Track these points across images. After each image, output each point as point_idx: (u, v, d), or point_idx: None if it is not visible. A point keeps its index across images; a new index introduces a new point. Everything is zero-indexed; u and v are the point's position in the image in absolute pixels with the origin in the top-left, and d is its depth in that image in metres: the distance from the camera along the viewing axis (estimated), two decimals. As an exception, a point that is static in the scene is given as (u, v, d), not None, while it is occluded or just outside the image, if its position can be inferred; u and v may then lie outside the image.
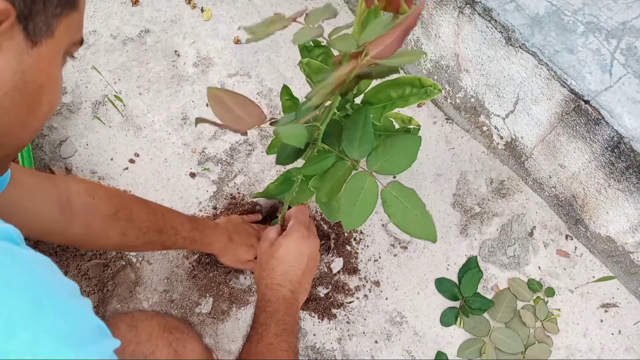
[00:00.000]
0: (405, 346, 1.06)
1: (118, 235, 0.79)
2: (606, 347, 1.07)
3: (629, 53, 0.91)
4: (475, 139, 1.24)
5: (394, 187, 0.64)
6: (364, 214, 0.63)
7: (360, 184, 0.64)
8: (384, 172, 0.66)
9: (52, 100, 0.42)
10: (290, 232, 0.83)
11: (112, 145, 1.19)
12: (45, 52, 0.39)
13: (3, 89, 0.37)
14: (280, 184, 0.92)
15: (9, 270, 0.34)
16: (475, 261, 1.12)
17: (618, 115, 0.87)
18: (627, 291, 1.11)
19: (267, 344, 0.70)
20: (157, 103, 1.25)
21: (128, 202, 0.82)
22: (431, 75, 1.21)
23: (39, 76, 0.39)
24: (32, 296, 0.34)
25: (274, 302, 0.76)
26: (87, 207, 0.75)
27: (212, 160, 1.19)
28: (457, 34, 1.06)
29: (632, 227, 0.98)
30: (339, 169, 0.68)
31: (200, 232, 0.91)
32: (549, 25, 0.94)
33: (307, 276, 0.82)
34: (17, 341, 0.32)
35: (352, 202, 0.63)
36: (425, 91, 0.76)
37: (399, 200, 0.63)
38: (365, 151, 0.66)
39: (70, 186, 0.74)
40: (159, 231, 0.84)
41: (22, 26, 0.36)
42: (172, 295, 1.07)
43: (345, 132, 0.67)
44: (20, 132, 0.41)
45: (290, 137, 0.55)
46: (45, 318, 0.34)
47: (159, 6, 1.36)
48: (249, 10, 1.37)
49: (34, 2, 0.36)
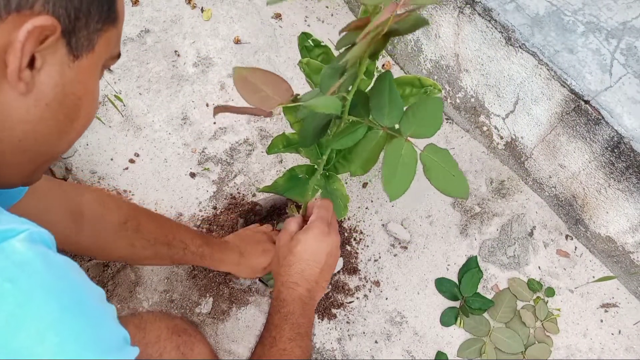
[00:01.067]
0: (405, 346, 1.06)
1: (126, 246, 0.80)
2: (606, 347, 1.07)
3: (629, 53, 0.91)
4: (475, 139, 1.24)
5: (430, 149, 0.62)
6: (406, 181, 0.61)
7: (398, 151, 0.61)
8: (418, 136, 0.63)
9: (89, 111, 0.44)
10: (311, 228, 0.79)
11: (112, 145, 1.19)
12: (86, 65, 0.40)
13: (44, 100, 0.39)
14: (287, 180, 0.91)
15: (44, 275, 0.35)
16: (475, 261, 1.12)
17: (618, 115, 0.87)
18: (627, 291, 1.11)
19: (280, 349, 0.69)
20: (157, 103, 1.25)
21: (137, 213, 0.83)
22: (431, 75, 1.22)
23: (78, 88, 0.41)
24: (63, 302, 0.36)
25: (289, 303, 0.74)
26: (97, 217, 0.76)
27: (212, 160, 1.19)
28: (457, 34, 1.06)
29: (632, 227, 0.98)
30: (372, 138, 0.65)
31: (210, 248, 0.91)
32: (549, 25, 0.94)
33: (325, 274, 0.78)
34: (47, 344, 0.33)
35: (393, 171, 0.61)
36: (425, 91, 0.76)
37: (437, 163, 0.61)
38: (396, 117, 0.63)
39: (82, 195, 0.76)
40: (167, 244, 0.84)
41: (65, 41, 0.38)
42: (172, 295, 1.07)
43: (372, 100, 0.64)
44: (58, 142, 0.43)
45: (324, 106, 0.53)
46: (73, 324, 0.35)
47: (159, 6, 1.36)
48: (249, 10, 1.37)
49: (77, 19, 0.38)
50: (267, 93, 0.52)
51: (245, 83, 0.52)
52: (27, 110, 0.38)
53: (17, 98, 0.37)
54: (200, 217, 1.13)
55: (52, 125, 0.41)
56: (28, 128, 0.39)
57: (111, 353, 0.38)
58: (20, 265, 0.35)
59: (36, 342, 0.33)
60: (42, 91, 0.38)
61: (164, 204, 1.14)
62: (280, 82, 0.53)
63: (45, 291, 0.35)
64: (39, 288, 0.35)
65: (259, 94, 0.52)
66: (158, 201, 1.14)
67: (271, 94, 0.52)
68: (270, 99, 0.52)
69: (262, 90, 0.52)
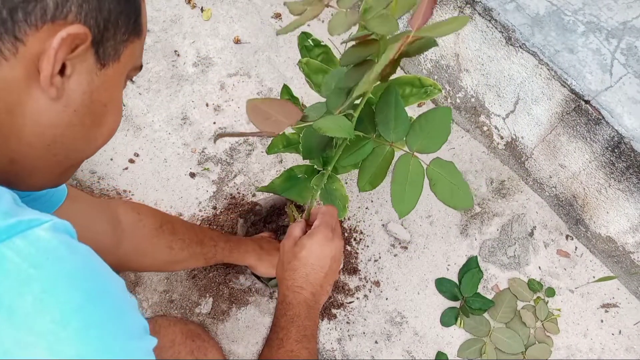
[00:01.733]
0: (405, 346, 1.06)
1: (165, 249, 0.82)
2: (606, 347, 1.07)
3: (629, 53, 0.91)
4: (475, 139, 1.24)
5: (436, 164, 0.62)
6: (414, 198, 0.61)
7: (405, 166, 0.62)
8: (425, 151, 0.63)
9: (115, 119, 0.46)
10: (315, 233, 0.80)
11: (111, 145, 1.19)
12: (111, 74, 0.42)
13: (73, 106, 0.40)
14: (284, 180, 0.91)
15: (68, 262, 0.36)
16: (475, 261, 1.12)
17: (618, 115, 0.87)
18: (628, 291, 1.10)
19: (287, 350, 0.70)
20: (157, 103, 1.24)
21: (169, 217, 0.86)
22: (431, 75, 1.21)
23: (104, 96, 0.43)
24: (87, 288, 0.37)
25: (295, 306, 0.75)
26: (135, 223, 0.78)
27: (212, 160, 1.19)
28: (457, 34, 1.06)
29: (632, 227, 0.98)
30: (379, 154, 0.65)
31: (235, 242, 0.94)
32: (549, 25, 0.94)
33: (329, 279, 0.80)
34: (70, 329, 0.34)
35: (402, 188, 0.61)
36: (425, 91, 0.76)
37: (444, 177, 0.61)
38: (403, 132, 0.63)
39: (118, 205, 0.78)
40: (200, 243, 0.87)
41: (94, 50, 0.40)
42: (171, 296, 1.06)
43: (378, 116, 0.64)
44: (85, 147, 0.45)
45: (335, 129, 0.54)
46: (97, 310, 0.37)
47: (158, 6, 1.36)
48: (248, 10, 1.37)
49: (106, 29, 0.40)
50: (277, 118, 0.53)
51: (258, 112, 0.53)
52: (56, 115, 0.40)
53: (48, 103, 0.39)
54: (200, 217, 1.13)
55: (79, 130, 0.42)
56: (57, 132, 0.41)
57: (133, 340, 0.39)
58: (45, 252, 0.36)
59: (60, 327, 0.34)
60: (70, 97, 0.40)
61: (164, 204, 1.14)
62: (288, 106, 0.54)
63: (69, 278, 0.36)
64: (64, 274, 0.36)
65: (270, 119, 0.53)
66: (158, 201, 1.14)
67: (281, 117, 0.53)
68: (280, 123, 0.53)
69: (273, 116, 0.53)
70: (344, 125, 0.55)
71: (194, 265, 0.91)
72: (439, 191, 0.61)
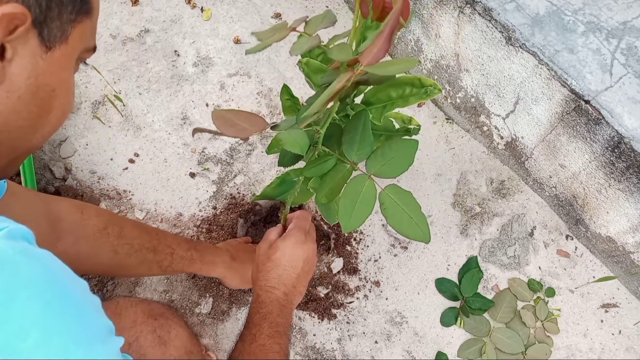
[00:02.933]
0: (405, 346, 1.06)
1: (109, 252, 0.77)
2: (606, 347, 1.07)
3: (629, 53, 0.91)
4: (475, 139, 1.23)
5: (391, 189, 0.65)
6: (362, 216, 0.64)
7: (359, 186, 0.65)
8: (382, 176, 0.67)
9: (64, 104, 0.43)
10: (288, 236, 0.84)
11: (111, 145, 1.19)
12: (59, 57, 0.40)
13: (17, 92, 0.38)
14: (277, 185, 0.93)
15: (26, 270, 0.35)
16: (475, 261, 1.12)
17: (618, 115, 0.87)
18: (628, 291, 1.10)
19: (260, 344, 0.71)
20: (157, 103, 1.24)
21: (118, 219, 0.81)
22: (431, 75, 1.21)
23: (51, 80, 0.40)
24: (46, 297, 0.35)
25: (267, 304, 0.77)
26: (76, 222, 0.74)
27: (212, 160, 1.19)
28: (457, 34, 1.05)
29: (632, 227, 0.98)
30: (339, 171, 0.69)
31: (199, 252, 0.90)
32: (549, 25, 0.94)
33: (302, 280, 0.83)
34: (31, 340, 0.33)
35: (352, 205, 0.64)
36: (426, 91, 0.76)
37: (396, 203, 0.64)
38: (364, 154, 0.67)
39: (61, 204, 0.74)
40: (152, 250, 0.82)
41: (37, 31, 0.37)
42: (171, 296, 1.06)
43: (345, 136, 0.68)
44: (32, 136, 0.42)
45: (291, 143, 0.57)
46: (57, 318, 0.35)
47: (158, 6, 1.36)
48: (248, 10, 1.37)
49: (49, 8, 0.37)
50: (242, 126, 0.56)
51: (223, 120, 0.56)
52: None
53: None
54: (200, 217, 1.13)
55: (25, 117, 0.40)
56: (0, 120, 0.38)
57: (96, 345, 0.38)
58: (1, 264, 0.34)
59: (20, 339, 0.33)
60: (14, 82, 0.37)
61: (164, 204, 1.14)
62: (254, 117, 0.57)
63: (27, 288, 0.35)
64: (21, 285, 0.35)
65: (236, 127, 0.56)
66: (158, 201, 1.14)
67: (247, 126, 0.56)
68: (246, 130, 0.56)
69: (238, 124, 0.56)
70: (300, 141, 0.58)
71: (147, 273, 0.86)
72: (389, 215, 0.63)
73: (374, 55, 0.48)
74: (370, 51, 0.48)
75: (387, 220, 0.63)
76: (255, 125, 0.56)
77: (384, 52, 0.48)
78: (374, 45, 0.48)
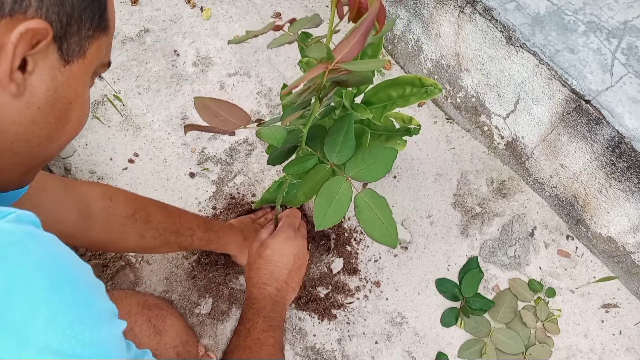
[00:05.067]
0: (405, 347, 1.05)
1: (136, 237, 0.80)
2: (607, 347, 1.06)
3: (630, 53, 0.91)
4: (476, 139, 1.23)
5: (367, 194, 0.66)
6: (336, 216, 0.66)
7: (336, 187, 0.66)
8: (360, 179, 0.69)
9: (80, 116, 0.45)
10: (278, 233, 0.86)
11: (111, 145, 1.19)
12: (76, 71, 0.42)
13: (37, 103, 0.40)
14: (275, 189, 0.95)
15: (33, 254, 0.36)
16: (475, 261, 1.12)
17: (619, 115, 0.86)
18: (628, 291, 1.10)
19: (254, 338, 0.73)
20: (157, 103, 1.24)
21: (145, 204, 0.84)
22: (432, 74, 1.21)
23: (69, 93, 0.42)
24: (53, 278, 0.37)
25: (260, 300, 0.79)
26: (106, 209, 0.77)
27: (212, 160, 1.19)
28: (457, 34, 1.05)
29: (633, 227, 0.98)
30: (319, 171, 0.71)
31: (215, 232, 0.92)
32: (549, 25, 0.94)
33: (294, 275, 0.85)
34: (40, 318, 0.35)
35: (327, 204, 0.66)
36: (426, 91, 0.76)
37: (370, 207, 0.66)
38: (345, 157, 0.69)
39: (89, 190, 0.76)
40: (175, 232, 0.85)
41: (57, 46, 0.39)
42: (171, 296, 1.06)
43: (328, 137, 0.70)
44: (49, 145, 0.44)
45: (269, 136, 0.60)
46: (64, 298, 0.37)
47: (158, 5, 1.36)
48: (248, 10, 1.36)
49: (69, 24, 0.39)
50: (225, 117, 0.58)
51: (206, 109, 0.58)
52: (19, 112, 0.39)
53: (9, 100, 0.38)
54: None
55: (43, 128, 0.42)
56: (20, 130, 0.40)
57: (101, 324, 0.39)
58: (9, 245, 0.35)
59: (29, 317, 0.34)
60: (34, 94, 0.39)
61: (164, 204, 1.14)
62: (235, 109, 0.59)
63: (35, 269, 0.36)
64: (29, 266, 0.36)
65: (218, 118, 0.57)
66: (157, 201, 1.14)
67: (230, 118, 0.58)
68: (228, 122, 0.57)
69: (222, 116, 0.58)
70: (279, 135, 0.60)
71: (166, 251, 0.91)
72: (362, 219, 0.65)
73: (348, 51, 0.49)
74: (344, 46, 0.49)
75: (360, 223, 0.65)
76: (239, 118, 0.57)
77: (357, 50, 0.49)
78: (348, 41, 0.49)
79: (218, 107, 0.58)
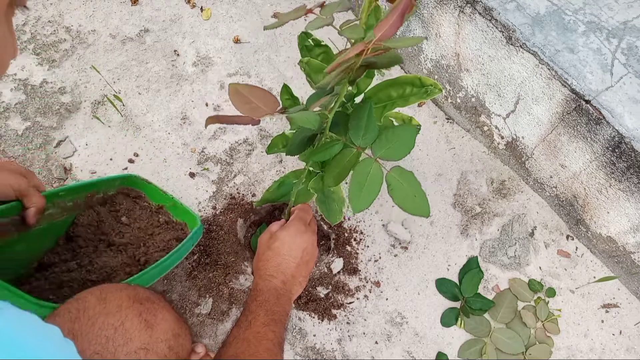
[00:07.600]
0: (405, 347, 1.05)
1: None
2: (607, 347, 1.06)
3: (630, 53, 0.91)
4: (476, 139, 1.23)
5: (396, 171, 0.68)
6: (370, 197, 0.68)
7: (366, 169, 0.69)
8: (387, 158, 0.71)
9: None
10: (288, 226, 0.85)
11: (111, 145, 1.19)
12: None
13: None
14: (276, 189, 0.96)
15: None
16: (476, 261, 1.12)
17: (619, 115, 0.87)
18: (628, 291, 1.10)
19: (254, 331, 0.72)
20: (157, 103, 1.24)
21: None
22: (432, 74, 1.21)
23: None
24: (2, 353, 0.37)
25: (264, 292, 0.78)
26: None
27: (212, 160, 1.19)
28: (457, 34, 1.05)
29: (633, 227, 0.98)
30: (346, 155, 0.73)
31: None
32: (549, 25, 0.94)
33: (302, 270, 0.83)
34: None
35: (360, 187, 0.68)
36: (426, 91, 0.76)
37: (401, 183, 0.68)
38: (370, 139, 0.71)
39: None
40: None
41: None
42: (171, 296, 1.06)
43: (351, 122, 0.72)
44: None
45: (304, 120, 0.61)
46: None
47: (158, 5, 1.36)
48: (248, 10, 1.36)
49: None
50: (256, 104, 0.58)
51: (238, 95, 0.59)
52: None
53: None
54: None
55: None
56: None
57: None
58: None
59: None
60: None
61: (164, 204, 1.14)
62: (268, 95, 0.60)
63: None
64: None
65: (250, 105, 0.58)
66: (157, 201, 1.14)
67: (261, 105, 0.59)
68: (259, 110, 0.58)
69: (253, 102, 0.58)
70: (312, 118, 0.62)
71: None
72: (395, 195, 0.67)
73: (387, 30, 0.51)
74: (383, 25, 0.51)
75: (393, 200, 0.67)
76: (269, 105, 0.58)
77: (394, 29, 0.51)
78: (387, 20, 0.51)
79: (250, 93, 0.59)
